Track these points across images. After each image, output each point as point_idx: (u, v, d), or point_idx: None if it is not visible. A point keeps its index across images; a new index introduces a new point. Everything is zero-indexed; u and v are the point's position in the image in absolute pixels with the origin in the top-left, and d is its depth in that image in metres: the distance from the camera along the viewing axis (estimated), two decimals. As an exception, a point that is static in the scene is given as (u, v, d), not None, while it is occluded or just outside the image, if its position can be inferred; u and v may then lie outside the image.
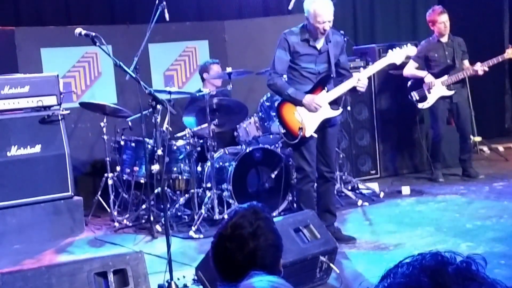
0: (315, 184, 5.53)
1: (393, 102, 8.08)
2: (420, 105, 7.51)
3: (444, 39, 7.43)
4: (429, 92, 7.41)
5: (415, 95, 7.49)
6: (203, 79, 7.17)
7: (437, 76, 7.38)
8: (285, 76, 5.38)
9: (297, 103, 5.26)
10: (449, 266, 1.13)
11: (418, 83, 7.45)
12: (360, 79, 5.29)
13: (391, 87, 8.03)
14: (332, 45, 5.35)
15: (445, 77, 7.35)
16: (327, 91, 5.33)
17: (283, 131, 5.37)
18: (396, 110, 8.08)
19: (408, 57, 5.64)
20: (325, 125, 5.37)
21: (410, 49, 5.51)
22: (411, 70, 7.52)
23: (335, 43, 5.39)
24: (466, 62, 7.43)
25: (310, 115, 5.27)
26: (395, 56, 5.48)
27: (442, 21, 7.35)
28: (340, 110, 5.52)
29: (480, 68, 7.22)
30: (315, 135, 5.31)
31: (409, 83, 7.54)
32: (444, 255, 1.16)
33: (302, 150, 5.33)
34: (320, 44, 5.29)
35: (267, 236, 2.10)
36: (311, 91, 5.30)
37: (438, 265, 1.13)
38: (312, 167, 5.37)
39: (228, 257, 2.09)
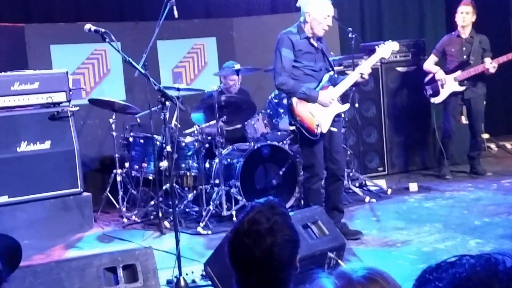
0: (323, 182, 5.56)
1: (400, 99, 8.08)
2: (432, 100, 7.53)
3: (465, 35, 7.40)
4: (442, 87, 7.41)
5: (429, 90, 7.51)
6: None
7: (451, 71, 7.37)
8: None
9: (312, 100, 5.31)
10: (500, 274, 1.03)
11: (435, 78, 7.47)
12: (362, 72, 5.41)
13: (399, 84, 8.03)
14: (323, 44, 5.47)
15: (458, 72, 7.34)
16: (334, 87, 5.40)
17: (302, 128, 5.35)
18: (404, 107, 8.08)
19: (394, 52, 5.82)
20: (333, 119, 5.42)
21: (393, 45, 5.67)
22: (429, 64, 7.56)
23: (323, 42, 5.51)
24: (487, 60, 7.30)
25: (323, 111, 5.33)
26: (383, 51, 5.63)
27: (461, 11, 7.33)
28: (348, 104, 5.69)
29: (491, 65, 7.19)
30: (335, 129, 5.38)
31: (428, 78, 7.55)
32: (492, 260, 1.06)
33: (313, 148, 5.34)
34: (315, 42, 5.38)
35: (284, 231, 2.07)
36: (320, 88, 5.35)
37: (488, 273, 1.04)
38: (321, 165, 5.39)
39: (245, 253, 2.05)
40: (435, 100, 7.49)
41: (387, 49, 5.62)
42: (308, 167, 5.43)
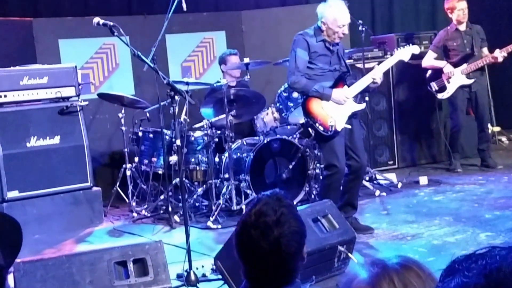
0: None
1: (411, 92, 8.04)
2: (439, 96, 7.46)
3: (462, 27, 7.36)
4: (449, 82, 7.35)
5: (434, 86, 7.43)
6: (222, 70, 7.16)
7: (456, 65, 7.32)
8: None
9: (325, 98, 5.30)
10: None
11: (437, 73, 7.40)
12: (374, 77, 5.36)
13: (409, 77, 7.99)
14: (339, 46, 5.45)
15: (464, 65, 7.29)
16: (348, 87, 5.38)
17: (315, 125, 5.34)
18: (414, 101, 8.04)
19: (414, 54, 5.72)
20: (351, 117, 5.41)
21: (414, 48, 5.58)
22: (430, 60, 7.47)
23: (340, 45, 5.49)
24: (485, 50, 7.35)
25: (337, 109, 5.31)
26: (402, 54, 5.57)
27: (461, 8, 7.28)
28: (364, 104, 5.67)
29: (500, 54, 7.14)
30: (349, 126, 5.35)
31: (428, 73, 7.49)
32: None
33: (333, 146, 5.32)
34: (331, 45, 5.37)
35: (291, 223, 2.08)
36: (334, 86, 5.33)
37: None
38: (342, 162, 5.35)
39: (252, 245, 2.07)
40: (443, 95, 7.42)
41: (407, 53, 5.55)
42: (329, 165, 5.36)
